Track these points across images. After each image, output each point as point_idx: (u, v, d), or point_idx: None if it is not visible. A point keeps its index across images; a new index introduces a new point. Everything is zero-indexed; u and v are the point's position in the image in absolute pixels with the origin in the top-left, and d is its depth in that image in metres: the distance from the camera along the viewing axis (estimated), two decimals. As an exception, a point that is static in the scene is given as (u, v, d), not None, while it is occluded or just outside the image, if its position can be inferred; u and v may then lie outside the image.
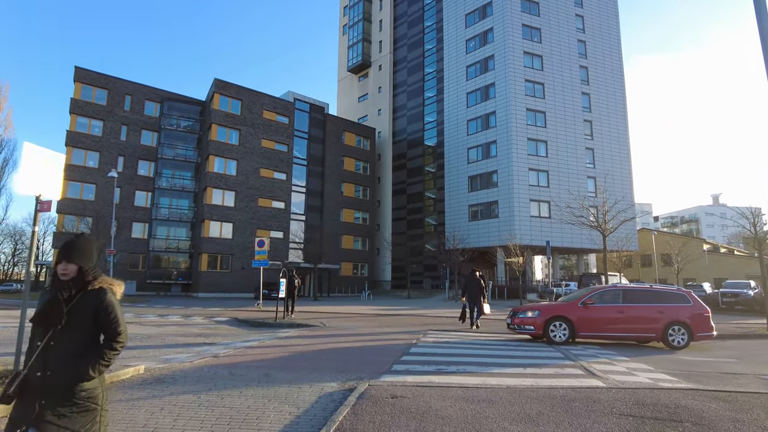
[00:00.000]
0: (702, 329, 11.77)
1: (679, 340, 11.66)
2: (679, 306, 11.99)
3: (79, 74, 41.65)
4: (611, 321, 11.85)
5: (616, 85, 49.77)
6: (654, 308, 11.97)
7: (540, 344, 11.60)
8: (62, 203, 39.59)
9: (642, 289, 12.70)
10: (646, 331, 11.91)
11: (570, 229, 43.41)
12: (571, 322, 11.86)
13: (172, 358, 8.59)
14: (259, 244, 22.65)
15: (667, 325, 11.71)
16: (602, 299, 12.19)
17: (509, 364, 8.43)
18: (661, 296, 12.31)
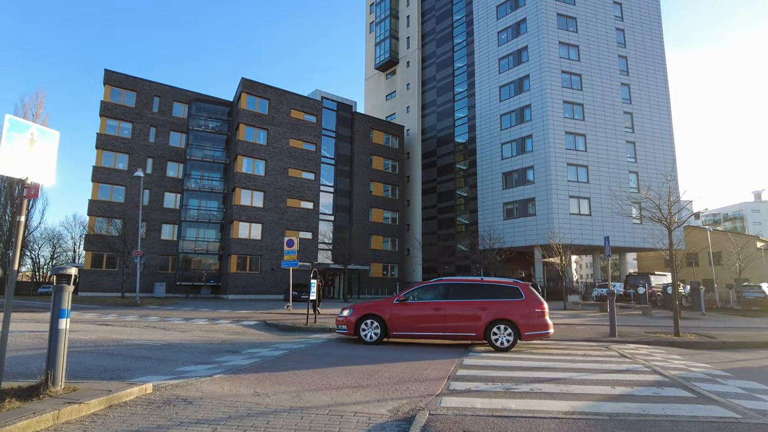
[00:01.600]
0: (532, 328, 10.55)
1: (504, 341, 10.44)
2: (508, 301, 10.79)
3: (108, 77, 41.71)
4: (427, 319, 10.87)
5: (658, 75, 47.04)
6: (476, 304, 10.82)
7: (612, 354, 10.01)
8: (93, 205, 39.66)
9: (467, 283, 11.41)
10: (466, 330, 10.72)
11: (611, 227, 41.20)
12: (383, 321, 11.03)
13: (190, 371, 7.42)
14: (288, 244, 21.63)
15: (490, 323, 10.53)
16: (421, 295, 11.35)
17: (588, 381, 6.93)
18: (489, 290, 11.07)
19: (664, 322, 19.04)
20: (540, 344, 11.58)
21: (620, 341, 12.56)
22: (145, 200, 41.83)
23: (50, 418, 4.38)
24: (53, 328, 5.20)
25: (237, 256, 40.42)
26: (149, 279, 40.40)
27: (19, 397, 4.82)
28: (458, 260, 50.22)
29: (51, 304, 5.28)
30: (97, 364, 7.85)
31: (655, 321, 19.57)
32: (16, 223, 5.27)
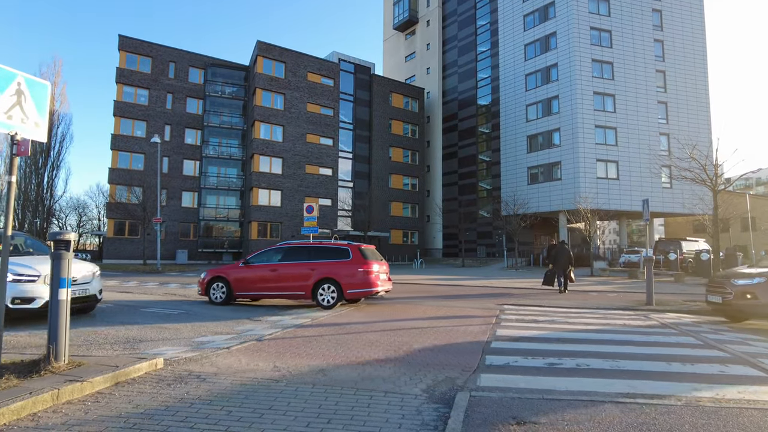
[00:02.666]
0: (355, 286, 11.12)
1: (328, 299, 11.11)
2: (335, 262, 11.37)
3: (123, 42, 41.03)
4: (265, 279, 11.57)
5: (695, 30, 44.18)
6: (307, 265, 11.47)
7: (653, 324, 9.33)
8: (113, 173, 39.75)
9: (303, 246, 12.28)
10: (296, 289, 11.38)
11: (639, 191, 39.72)
12: (228, 282, 11.67)
13: (207, 342, 7.01)
14: (308, 210, 21.12)
15: (317, 283, 11.18)
16: (263, 258, 12.01)
17: (638, 355, 6.29)
18: (321, 252, 11.77)
19: (699, 290, 18.12)
20: (575, 312, 10.94)
21: (658, 310, 11.85)
22: (164, 168, 41.74)
23: (49, 399, 3.94)
24: (53, 300, 4.74)
25: (257, 223, 40.33)
26: (171, 246, 40.71)
27: (19, 374, 4.40)
28: (480, 226, 49.40)
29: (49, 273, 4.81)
30: (111, 332, 7.50)
31: (689, 288, 18.71)
32: (6, 184, 4.74)
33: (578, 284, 19.07)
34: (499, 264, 40.38)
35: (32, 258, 8.47)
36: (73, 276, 7.89)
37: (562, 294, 15.50)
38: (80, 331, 7.49)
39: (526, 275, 27.47)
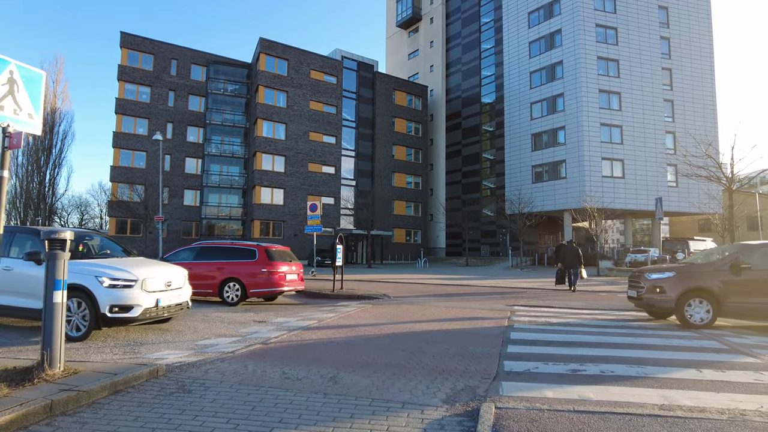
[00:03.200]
0: (258, 286, 11.83)
1: (233, 297, 11.75)
2: (242, 262, 12.03)
3: (125, 40, 40.76)
4: None
5: (702, 26, 43.71)
6: (216, 264, 12.10)
7: (671, 326, 9.02)
8: (115, 171, 39.51)
9: (215, 246, 13.08)
10: (206, 287, 11.85)
11: (645, 190, 39.38)
12: None
13: (211, 345, 6.72)
14: (312, 208, 20.90)
15: (223, 281, 11.80)
16: (179, 257, 12.49)
17: (664, 361, 5.99)
18: (230, 252, 12.45)
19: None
20: (587, 313, 10.62)
21: (673, 311, 11.51)
22: (166, 166, 41.52)
23: (41, 411, 3.65)
24: (47, 303, 4.45)
25: (260, 222, 40.05)
26: (173, 245, 40.39)
27: (10, 382, 4.12)
28: (483, 225, 49.07)
29: (43, 274, 4.51)
30: (111, 335, 7.21)
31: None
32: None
33: (586, 284, 18.74)
34: (503, 263, 40.05)
35: (123, 261, 7.88)
36: (168, 280, 7.63)
37: (572, 294, 15.20)
38: (79, 334, 7.20)
39: (531, 275, 27.15)
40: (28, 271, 6.89)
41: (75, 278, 6.56)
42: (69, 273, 6.17)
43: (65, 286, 4.55)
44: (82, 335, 6.80)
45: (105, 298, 6.69)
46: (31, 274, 6.80)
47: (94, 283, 6.72)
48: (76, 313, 6.79)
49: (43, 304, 4.47)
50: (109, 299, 6.72)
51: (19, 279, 7.01)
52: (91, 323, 6.77)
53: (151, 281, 7.19)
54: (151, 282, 7.18)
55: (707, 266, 9.23)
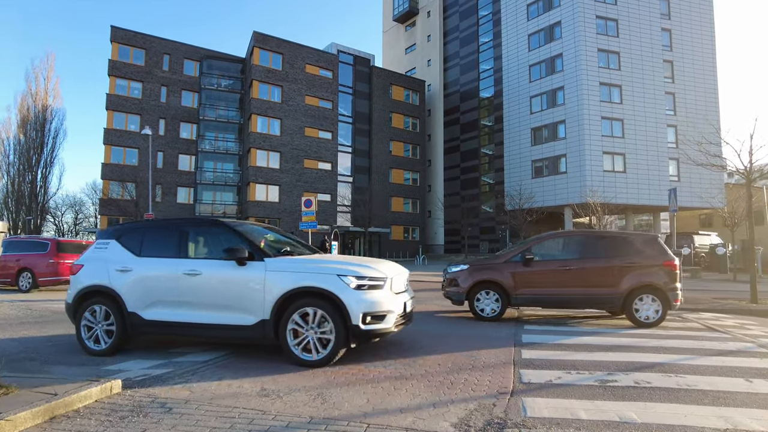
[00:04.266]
0: (45, 275, 13.60)
1: (26, 285, 13.81)
2: (34, 254, 13.91)
3: (115, 34, 39.81)
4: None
5: (703, 18, 42.97)
6: (14, 257, 13.87)
7: (696, 326, 8.27)
8: (106, 169, 38.62)
9: (15, 240, 15.13)
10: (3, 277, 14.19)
11: (647, 185, 38.73)
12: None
13: (185, 352, 5.93)
14: (306, 204, 20.12)
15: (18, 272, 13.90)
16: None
17: (702, 368, 5.23)
18: (26, 245, 14.26)
19: (722, 286, 17.20)
20: (590, 312, 9.85)
21: (690, 309, 10.80)
22: (159, 163, 40.67)
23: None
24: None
25: (255, 219, 39.20)
26: (166, 243, 39.58)
27: None
28: (482, 222, 48.34)
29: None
30: (71, 343, 6.42)
31: (710, 284, 17.78)
32: None
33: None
34: (503, 260, 39.28)
35: (337, 257, 6.68)
36: (407, 279, 6.15)
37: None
38: (34, 340, 6.42)
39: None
40: (226, 275, 5.45)
41: (308, 279, 5.19)
42: (294, 273, 5.27)
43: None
44: (326, 358, 5.13)
45: (356, 304, 5.07)
46: (230, 278, 5.43)
47: (338, 284, 5.10)
48: (311, 328, 5.13)
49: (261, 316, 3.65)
50: (361, 305, 5.09)
51: (212, 286, 5.51)
52: (339, 340, 5.08)
53: (396, 280, 5.64)
54: (397, 281, 5.64)
55: (499, 258, 9.23)
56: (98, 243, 6.34)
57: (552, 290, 8.63)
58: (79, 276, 6.14)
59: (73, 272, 6.26)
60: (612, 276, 8.34)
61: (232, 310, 5.36)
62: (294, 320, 5.14)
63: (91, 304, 5.90)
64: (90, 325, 5.86)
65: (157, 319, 5.64)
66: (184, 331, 5.67)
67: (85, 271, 6.14)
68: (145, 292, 5.71)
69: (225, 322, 5.38)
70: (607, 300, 8.46)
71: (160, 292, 5.68)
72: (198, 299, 5.50)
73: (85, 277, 6.05)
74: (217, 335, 5.61)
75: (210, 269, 5.55)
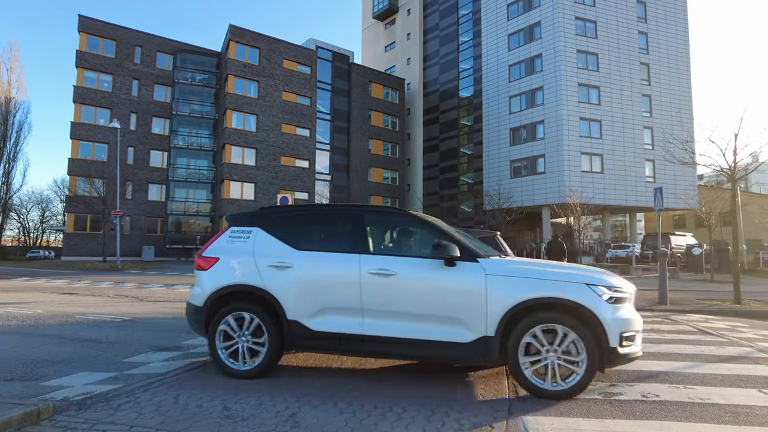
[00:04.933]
0: None
1: None
2: None
3: (83, 24, 38.27)
4: None
5: (678, 21, 43.69)
6: None
7: (687, 329, 7.96)
8: (73, 164, 37.09)
9: None
10: None
11: (624, 186, 39.16)
12: None
13: (141, 363, 5.27)
14: (282, 202, 19.42)
15: None
16: None
17: (710, 377, 4.85)
18: None
19: (702, 286, 17.18)
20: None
21: (677, 311, 10.58)
22: (129, 159, 39.32)
23: None
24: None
25: (229, 218, 38.13)
26: (137, 242, 38.28)
27: None
28: (461, 221, 48.14)
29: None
30: (16, 353, 5.69)
31: (690, 285, 17.76)
32: None
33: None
34: (482, 260, 39.18)
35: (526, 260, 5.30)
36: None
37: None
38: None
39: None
40: (431, 278, 4.36)
41: (548, 288, 4.14)
42: (526, 279, 4.17)
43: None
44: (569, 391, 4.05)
45: (613, 321, 4.05)
46: (437, 281, 4.35)
47: (590, 296, 4.08)
48: (553, 351, 4.06)
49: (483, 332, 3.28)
50: (618, 324, 4.07)
51: (412, 291, 4.41)
52: (590, 368, 4.00)
53: (633, 293, 4.48)
54: (634, 294, 4.50)
55: None
56: (235, 231, 5.09)
57: None
58: (214, 272, 4.90)
59: (203, 267, 5.02)
60: None
61: (440, 322, 4.28)
62: (530, 338, 4.09)
63: (235, 309, 4.73)
64: (231, 336, 4.72)
65: (330, 331, 4.51)
66: (366, 347, 4.51)
67: (223, 267, 4.91)
68: (313, 296, 4.57)
69: (429, 338, 4.27)
70: None
71: (335, 296, 4.54)
72: (390, 307, 4.41)
73: (225, 273, 4.85)
74: (418, 354, 4.46)
75: (407, 269, 4.44)
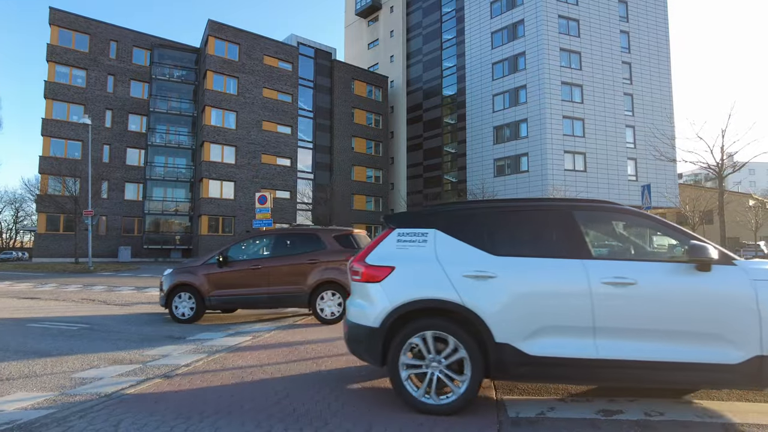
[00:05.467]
0: None
1: None
2: None
3: (55, 16, 36.90)
4: None
5: (659, 20, 44.01)
6: None
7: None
8: (44, 162, 35.75)
9: None
10: None
11: (606, 184, 39.30)
12: None
13: (89, 380, 4.70)
14: (261, 200, 18.87)
15: None
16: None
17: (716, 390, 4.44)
18: None
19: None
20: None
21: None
22: (105, 157, 38.15)
23: None
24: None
25: (208, 217, 37.26)
26: (114, 243, 37.16)
27: None
28: (445, 220, 47.92)
29: None
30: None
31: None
32: None
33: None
34: (466, 259, 38.94)
35: None
36: None
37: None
38: None
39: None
40: (683, 286, 3.59)
41: None
42: None
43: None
44: None
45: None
46: (691, 290, 3.58)
47: None
48: None
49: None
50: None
51: (661, 302, 3.59)
52: None
53: None
54: None
55: (198, 261, 9.17)
56: (404, 234, 4.22)
57: (243, 291, 8.55)
58: (392, 284, 3.95)
59: (374, 277, 4.05)
60: (297, 273, 8.40)
61: (697, 340, 3.50)
62: None
63: (423, 328, 3.79)
64: (418, 362, 3.81)
65: (552, 355, 3.71)
66: (600, 374, 3.72)
67: (402, 277, 3.97)
68: (528, 313, 3.72)
69: (684, 360, 3.49)
70: (293, 298, 8.45)
71: (558, 313, 3.71)
72: (631, 323, 3.61)
73: (407, 286, 3.91)
74: (669, 379, 3.61)
75: (650, 276, 3.64)
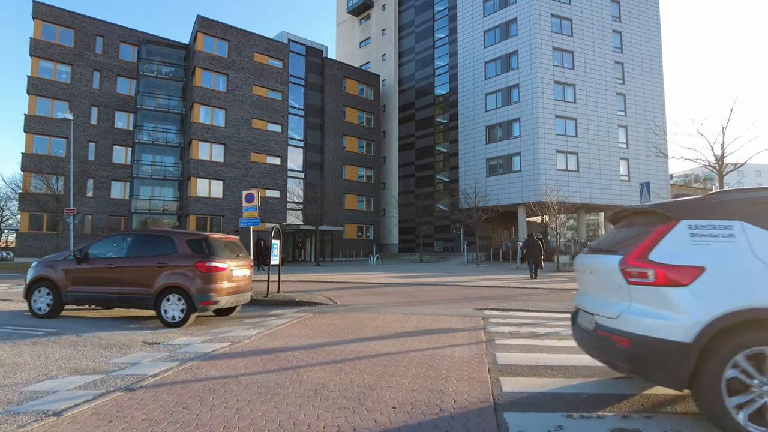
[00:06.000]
0: None
1: None
2: None
3: (38, 10, 36.03)
4: None
5: (651, 20, 44.02)
6: None
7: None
8: (27, 160, 34.90)
9: None
10: None
11: (599, 184, 39.12)
12: None
13: (42, 394, 4.19)
14: (248, 199, 18.11)
15: None
16: None
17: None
18: None
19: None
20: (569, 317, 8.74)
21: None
22: (90, 154, 37.36)
23: None
24: None
25: (196, 217, 36.59)
26: (98, 242, 36.29)
27: None
28: (437, 220, 47.59)
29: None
30: None
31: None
32: None
33: (552, 281, 17.26)
34: (458, 258, 38.62)
35: None
36: None
37: (543, 294, 13.48)
38: None
39: (489, 271, 25.64)
40: None
41: None
42: None
43: None
44: None
45: None
46: None
47: None
48: None
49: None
50: None
51: None
52: None
53: None
54: None
55: (61, 255, 9.19)
56: (700, 227, 3.32)
57: (97, 289, 8.59)
58: (705, 290, 3.15)
59: (679, 282, 3.22)
60: (146, 275, 8.37)
61: None
62: None
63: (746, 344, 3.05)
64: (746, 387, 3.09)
65: None
66: None
67: (717, 280, 3.15)
68: None
69: None
70: (140, 299, 8.41)
71: None
72: None
73: (729, 292, 3.11)
74: None
75: None
